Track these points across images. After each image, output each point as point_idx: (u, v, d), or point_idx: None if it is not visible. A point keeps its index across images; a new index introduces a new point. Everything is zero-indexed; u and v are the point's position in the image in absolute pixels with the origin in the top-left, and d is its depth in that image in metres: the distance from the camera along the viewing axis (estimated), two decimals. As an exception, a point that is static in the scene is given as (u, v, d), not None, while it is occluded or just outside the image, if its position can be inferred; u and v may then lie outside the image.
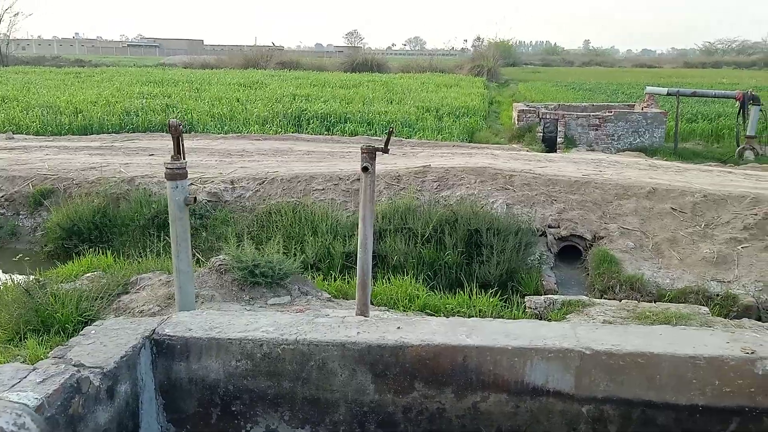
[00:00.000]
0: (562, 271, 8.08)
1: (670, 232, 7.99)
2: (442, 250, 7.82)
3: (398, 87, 29.65)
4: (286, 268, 6.28)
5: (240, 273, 6.00)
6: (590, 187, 8.95)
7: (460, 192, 8.97)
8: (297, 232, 8.42)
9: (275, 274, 6.14)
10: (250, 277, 6.00)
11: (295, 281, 6.41)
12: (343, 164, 10.67)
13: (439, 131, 16.79)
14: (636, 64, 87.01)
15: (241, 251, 6.24)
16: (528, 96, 29.60)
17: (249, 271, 6.00)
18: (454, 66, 51.37)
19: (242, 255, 6.14)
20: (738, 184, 9.46)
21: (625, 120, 15.65)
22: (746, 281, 7.05)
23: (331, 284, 6.99)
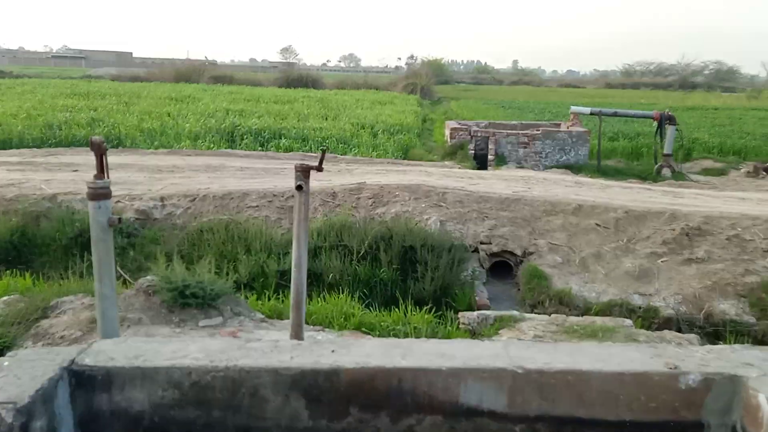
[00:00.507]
0: (494, 286, 8.23)
1: (596, 247, 8.29)
2: (377, 267, 7.84)
3: (333, 103, 29.70)
4: (218, 288, 6.12)
5: (169, 294, 5.80)
6: (520, 204, 9.19)
7: (395, 209, 9.02)
8: (230, 250, 8.24)
9: (206, 294, 5.97)
10: (180, 298, 5.81)
11: (228, 301, 6.25)
12: (277, 181, 10.55)
13: (374, 148, 16.89)
14: (561, 83, 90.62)
15: (170, 271, 6.04)
16: (460, 114, 30.25)
17: (179, 292, 5.81)
18: (388, 83, 51.96)
19: (172, 275, 5.95)
20: (657, 200, 9.95)
21: (552, 138, 16.22)
22: (666, 294, 7.40)
23: (265, 304, 6.87)
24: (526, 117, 27.38)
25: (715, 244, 8.16)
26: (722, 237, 8.27)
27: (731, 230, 8.40)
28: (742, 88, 72.76)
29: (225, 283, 6.26)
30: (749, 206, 9.77)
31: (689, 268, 7.77)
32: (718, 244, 8.15)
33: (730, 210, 9.23)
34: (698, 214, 8.80)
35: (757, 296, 7.22)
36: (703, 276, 7.60)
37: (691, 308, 7.22)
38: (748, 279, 7.44)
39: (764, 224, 8.47)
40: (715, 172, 16.52)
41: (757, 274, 7.50)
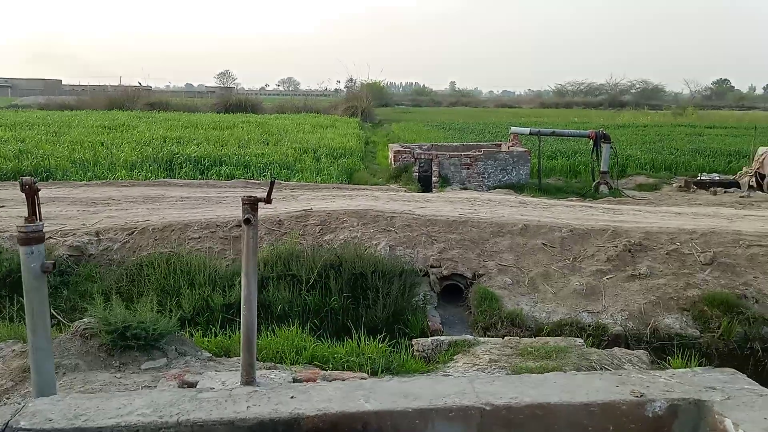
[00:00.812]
0: (446, 310, 8.19)
1: (543, 267, 8.39)
2: (327, 295, 7.67)
3: (274, 128, 29.43)
4: (162, 327, 5.82)
5: (108, 337, 5.47)
6: (468, 226, 9.23)
7: (343, 235, 8.89)
8: (172, 285, 7.91)
9: (149, 335, 5.66)
10: (121, 340, 5.49)
11: (172, 341, 5.95)
12: (220, 210, 10.26)
13: (318, 173, 16.75)
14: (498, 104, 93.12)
15: (109, 312, 5.70)
16: (402, 136, 30.49)
17: (119, 334, 5.48)
18: (329, 106, 52.02)
19: (111, 316, 5.61)
20: (598, 218, 10.19)
21: (494, 159, 16.50)
22: (613, 311, 7.53)
23: (212, 340, 6.59)
24: (466, 138, 27.86)
25: (656, 260, 8.39)
26: (662, 252, 8.52)
27: (670, 245, 8.67)
28: (667, 105, 76.65)
29: (169, 321, 5.96)
30: (685, 221, 10.13)
31: (633, 284, 7.95)
32: (659, 259, 8.39)
33: (668, 225, 9.53)
34: (638, 231, 9.05)
35: (699, 309, 7.43)
36: (647, 291, 7.78)
37: (638, 324, 7.36)
38: (689, 293, 7.66)
39: (701, 238, 8.79)
40: (648, 188, 17.17)
41: (698, 288, 7.74)
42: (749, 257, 8.34)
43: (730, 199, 14.50)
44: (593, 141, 16.83)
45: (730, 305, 7.34)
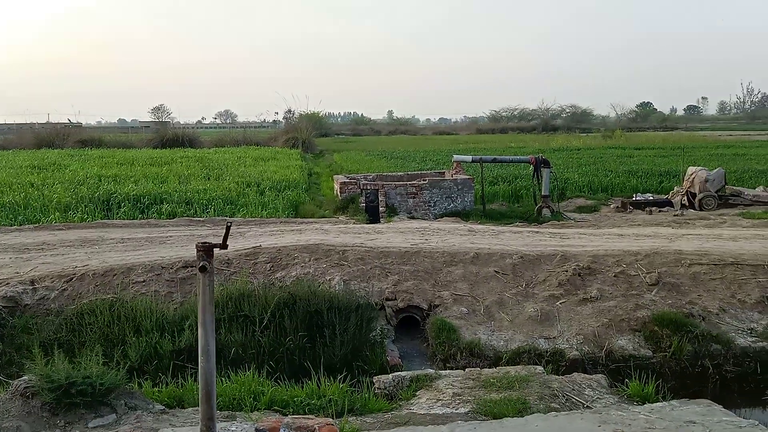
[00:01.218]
0: (403, 343, 8.10)
1: (498, 295, 8.44)
2: (282, 335, 7.45)
3: (214, 162, 28.92)
4: (109, 380, 5.48)
5: (51, 395, 5.11)
6: (420, 256, 9.21)
7: (295, 272, 8.71)
8: (117, 333, 7.52)
9: (96, 390, 5.31)
10: (65, 398, 5.13)
11: (121, 394, 5.61)
12: (164, 251, 9.90)
13: (263, 206, 16.46)
14: (436, 131, 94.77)
15: (51, 367, 5.34)
16: (345, 166, 30.49)
17: (63, 391, 5.13)
18: (268, 138, 51.64)
19: (53, 372, 5.25)
20: (547, 243, 10.37)
21: (439, 187, 16.66)
22: (569, 335, 7.61)
23: (163, 391, 6.25)
24: (409, 166, 28.10)
25: (605, 282, 8.58)
26: (610, 274, 8.73)
27: (617, 267, 8.89)
28: (596, 128, 79.79)
29: (116, 373, 5.63)
30: (629, 242, 10.43)
31: (586, 307, 8.09)
32: (608, 282, 8.58)
33: (613, 247, 9.79)
34: (586, 254, 9.26)
35: (650, 329, 7.61)
36: (599, 314, 7.92)
37: (593, 347, 7.47)
38: (639, 313, 7.85)
39: (645, 259, 9.05)
40: (588, 209, 17.68)
41: (647, 308, 7.93)
42: (692, 276, 8.64)
43: (666, 218, 15.08)
44: (534, 166, 17.24)
45: (678, 324, 7.55)
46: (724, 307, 8.06)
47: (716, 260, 8.95)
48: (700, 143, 43.61)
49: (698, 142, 44.62)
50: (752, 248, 9.76)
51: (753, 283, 8.44)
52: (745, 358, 7.36)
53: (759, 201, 17.10)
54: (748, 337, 7.60)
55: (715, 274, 8.65)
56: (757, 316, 7.96)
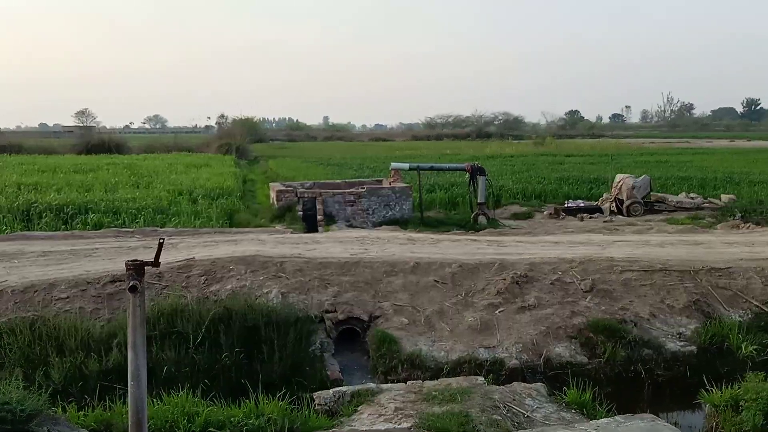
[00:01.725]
0: (344, 356, 7.96)
1: (438, 304, 8.42)
2: (218, 352, 7.17)
3: (144, 169, 27.91)
4: (30, 406, 5.09)
5: (-36, 427, 4.69)
6: (360, 267, 9.10)
7: (231, 285, 8.43)
8: (38, 353, 7.06)
9: (16, 417, 4.93)
10: (-20, 429, 4.73)
11: (44, 421, 5.22)
12: (90, 264, 9.39)
13: (196, 215, 15.95)
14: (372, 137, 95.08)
15: (-36, 396, 4.91)
16: (280, 173, 30.05)
17: (-23, 422, 4.72)
18: (201, 144, 50.41)
19: (-35, 401, 4.83)
20: (485, 251, 10.46)
21: (377, 195, 16.62)
22: (508, 344, 7.67)
23: (89, 415, 5.90)
24: (346, 174, 27.98)
25: (543, 290, 8.71)
26: (547, 282, 8.87)
27: (553, 275, 9.05)
28: (528, 135, 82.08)
29: (38, 398, 5.24)
30: (563, 250, 10.66)
31: (524, 315, 8.17)
32: (545, 289, 8.72)
33: (549, 255, 9.98)
34: (523, 262, 9.39)
35: (585, 336, 7.77)
36: (537, 322, 8.02)
37: (532, 355, 7.55)
38: (575, 320, 8.00)
39: (579, 266, 9.26)
40: (523, 216, 18.05)
41: (582, 315, 8.10)
42: (624, 282, 8.90)
43: (597, 225, 15.58)
44: (470, 174, 17.46)
45: (612, 330, 7.74)
46: (655, 312, 8.33)
47: (646, 266, 9.25)
48: (625, 150, 45.50)
49: (624, 150, 46.54)
50: (678, 254, 10.17)
51: (680, 288, 8.77)
52: (675, 362, 7.61)
53: (682, 207, 17.92)
54: (677, 342, 7.87)
55: (645, 280, 8.94)
56: (685, 321, 8.27)
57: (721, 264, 9.44)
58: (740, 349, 7.72)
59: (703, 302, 8.58)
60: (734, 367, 7.57)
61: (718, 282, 8.97)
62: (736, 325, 8.05)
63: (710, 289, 8.84)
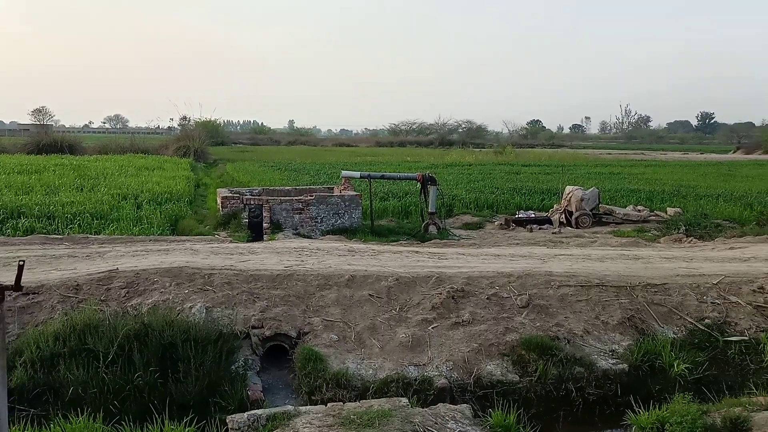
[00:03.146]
0: (270, 374, 7.64)
1: (370, 320, 8.16)
2: (131, 371, 6.77)
3: (93, 171, 27.09)
4: None
5: None
6: (293, 280, 8.80)
7: (153, 298, 8.03)
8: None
9: None
10: None
11: None
12: (5, 275, 8.85)
13: (137, 221, 15.41)
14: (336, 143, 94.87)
15: None
16: (237, 177, 29.51)
17: None
18: (159, 146, 49.41)
19: None
20: (424, 264, 10.26)
21: (326, 203, 16.33)
22: (438, 362, 7.45)
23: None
24: (302, 179, 27.63)
25: (478, 305, 8.53)
26: (483, 297, 8.70)
27: (490, 289, 8.89)
28: (489, 144, 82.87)
29: None
30: (503, 263, 10.53)
31: (457, 331, 7.98)
32: (481, 305, 8.54)
33: (488, 268, 9.83)
34: (461, 276, 9.21)
35: (518, 354, 7.60)
36: (470, 339, 7.83)
37: (462, 373, 7.34)
38: (508, 337, 7.83)
39: (517, 281, 9.12)
40: (474, 226, 17.97)
41: (516, 331, 7.94)
42: (560, 298, 8.79)
43: (544, 237, 15.56)
44: (421, 183, 17.32)
45: (544, 348, 7.59)
46: (588, 329, 8.22)
47: (583, 282, 9.17)
48: (581, 161, 46.17)
49: (580, 161, 47.25)
50: (617, 269, 10.13)
51: (616, 304, 8.70)
52: (606, 380, 7.49)
53: (629, 219, 18.09)
54: (609, 359, 7.76)
55: (582, 295, 8.85)
56: (618, 338, 8.18)
57: (658, 280, 9.42)
58: (672, 367, 7.64)
59: (638, 319, 8.51)
60: (665, 385, 7.50)
61: (653, 298, 8.92)
62: (669, 343, 7.99)
63: (645, 305, 8.79)
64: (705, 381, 7.55)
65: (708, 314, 8.63)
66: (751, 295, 9.08)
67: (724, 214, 18.71)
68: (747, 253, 12.16)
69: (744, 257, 11.73)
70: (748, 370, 7.78)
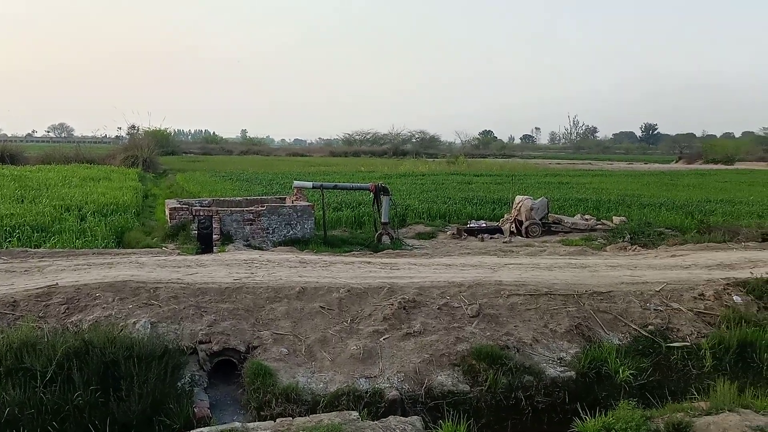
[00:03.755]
0: (218, 390, 7.46)
1: (321, 332, 8.08)
2: (71, 390, 6.50)
3: (34, 182, 26.15)
4: None
5: None
6: (242, 293, 8.64)
7: (95, 314, 7.76)
8: None
9: None
10: None
11: None
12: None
13: (80, 234, 14.92)
14: (290, 152, 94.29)
15: None
16: (186, 188, 28.97)
17: None
18: (106, 156, 48.20)
19: None
20: (376, 275, 10.24)
21: (278, 214, 16.15)
22: (390, 373, 7.42)
23: None
24: (254, 189, 27.30)
25: (429, 315, 8.55)
26: (435, 307, 8.73)
27: (441, 299, 8.93)
28: (442, 154, 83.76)
29: None
30: (454, 273, 10.61)
31: (409, 342, 7.97)
32: (432, 315, 8.57)
33: (439, 278, 9.88)
34: (413, 286, 9.23)
35: (469, 363, 7.64)
36: (421, 349, 7.83)
37: (414, 385, 7.33)
38: (459, 347, 7.86)
39: (468, 290, 9.20)
40: (426, 236, 18.06)
41: (467, 341, 7.98)
42: (510, 306, 8.89)
43: (495, 246, 15.76)
44: (373, 193, 17.33)
45: (495, 357, 7.65)
46: (537, 337, 8.33)
47: (532, 290, 9.31)
48: (531, 171, 47.11)
49: (530, 171, 48.21)
50: (565, 277, 10.33)
51: (564, 312, 8.85)
52: (555, 388, 7.60)
53: (577, 228, 18.50)
54: (557, 367, 7.88)
55: (531, 304, 8.97)
56: (566, 345, 8.31)
57: (604, 288, 9.65)
58: (618, 373, 7.80)
59: (585, 326, 8.67)
60: (612, 392, 7.65)
61: (599, 306, 9.12)
62: (615, 349, 8.17)
63: (592, 312, 8.98)
64: (649, 387, 7.73)
65: (651, 321, 8.87)
66: (692, 302, 9.38)
67: (667, 223, 19.35)
68: (688, 261, 12.59)
69: (685, 264, 12.14)
70: (690, 375, 8.01)
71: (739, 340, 8.24)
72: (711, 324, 8.89)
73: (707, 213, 21.29)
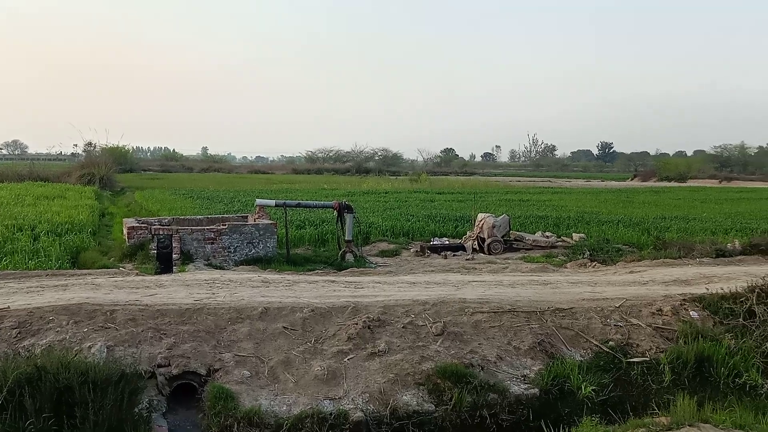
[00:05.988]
0: (177, 415, 7.27)
1: (284, 353, 7.96)
2: (23, 418, 6.23)
3: (-16, 201, 25.20)
4: None
5: None
6: (203, 314, 8.46)
7: (48, 338, 7.48)
8: None
9: None
10: None
11: None
12: None
13: (33, 254, 14.43)
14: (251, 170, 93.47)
15: None
16: (145, 206, 28.41)
17: None
18: (61, 173, 47.05)
19: None
20: (340, 293, 10.16)
21: (240, 232, 15.93)
22: (354, 394, 7.34)
23: None
24: (216, 208, 26.92)
25: (394, 334, 8.51)
26: (399, 326, 8.70)
27: (406, 318, 8.91)
28: (405, 171, 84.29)
29: None
30: (419, 291, 10.60)
31: (373, 362, 7.91)
32: (397, 334, 8.53)
33: (404, 297, 9.86)
34: (377, 305, 9.18)
35: (433, 382, 7.61)
36: (386, 369, 7.78)
37: (379, 405, 7.26)
38: (424, 366, 7.84)
39: (432, 308, 9.20)
40: (390, 253, 18.05)
41: (432, 360, 7.96)
42: (474, 324, 8.92)
43: (458, 263, 15.83)
44: (337, 211, 17.26)
45: (459, 376, 7.65)
46: (501, 354, 8.37)
47: (495, 308, 9.36)
48: (492, 189, 47.75)
49: (492, 188, 48.86)
50: (527, 294, 10.43)
51: (527, 329, 8.92)
52: (519, 405, 7.63)
53: (538, 245, 18.77)
54: (521, 384, 7.92)
55: (494, 321, 9.02)
56: (529, 362, 8.37)
57: (565, 304, 9.77)
58: (580, 389, 7.88)
59: (548, 343, 8.75)
60: (574, 408, 7.72)
61: (561, 322, 9.23)
62: (577, 366, 8.26)
63: (554, 329, 9.07)
64: (611, 402, 7.83)
65: (612, 336, 9.01)
66: (650, 317, 9.57)
67: (624, 239, 19.77)
68: (645, 277, 12.87)
69: (643, 280, 12.40)
70: (651, 390, 8.13)
71: (697, 354, 8.43)
72: (669, 339, 9.07)
73: (663, 230, 21.84)
